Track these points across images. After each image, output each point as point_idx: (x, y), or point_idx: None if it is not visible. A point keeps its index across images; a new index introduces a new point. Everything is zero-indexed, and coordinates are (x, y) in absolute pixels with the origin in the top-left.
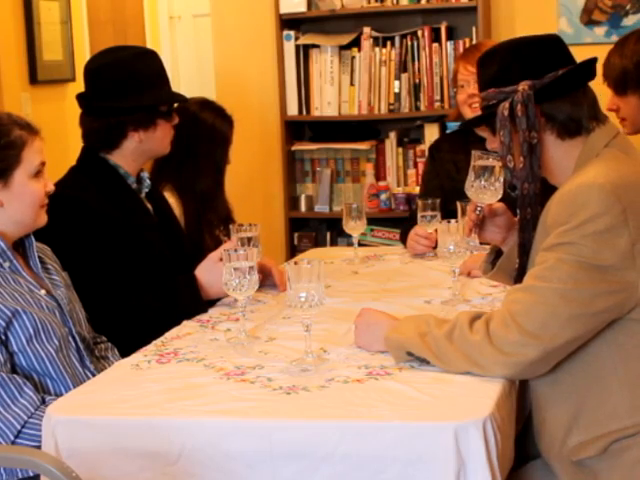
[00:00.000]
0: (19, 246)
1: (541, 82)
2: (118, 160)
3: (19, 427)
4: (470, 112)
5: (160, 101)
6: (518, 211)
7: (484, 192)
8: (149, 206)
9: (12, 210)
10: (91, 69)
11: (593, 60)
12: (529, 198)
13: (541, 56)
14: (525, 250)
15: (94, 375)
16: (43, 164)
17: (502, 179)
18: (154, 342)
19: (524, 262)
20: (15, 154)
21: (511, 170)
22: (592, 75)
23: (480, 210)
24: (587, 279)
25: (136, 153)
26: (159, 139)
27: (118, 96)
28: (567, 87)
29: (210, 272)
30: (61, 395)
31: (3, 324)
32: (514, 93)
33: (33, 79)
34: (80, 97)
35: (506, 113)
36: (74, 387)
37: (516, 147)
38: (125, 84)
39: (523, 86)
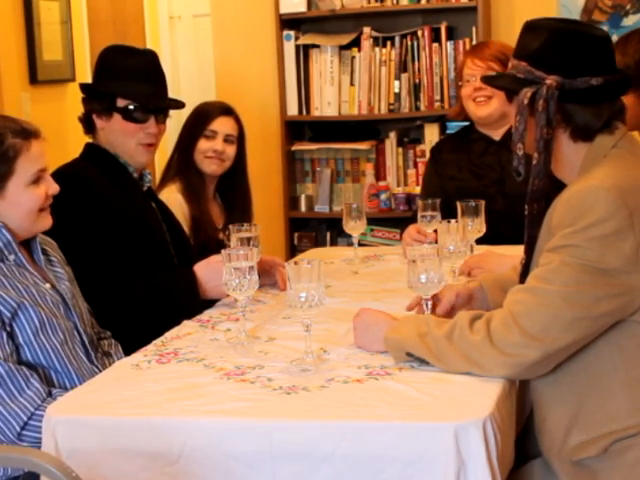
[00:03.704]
0: (24, 239)
1: (570, 83)
2: (114, 151)
3: (25, 418)
4: (474, 106)
5: (116, 93)
6: (526, 206)
7: (424, 285)
8: (151, 202)
9: (8, 219)
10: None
11: (629, 78)
12: (538, 194)
13: (582, 55)
14: (532, 246)
15: (99, 369)
16: (43, 170)
17: (439, 270)
18: (154, 342)
19: (530, 257)
20: (8, 165)
21: (519, 157)
22: (622, 91)
23: (427, 303)
24: (590, 282)
25: (111, 145)
26: (119, 134)
27: (93, 79)
28: (594, 97)
29: (209, 269)
30: (66, 388)
31: (9, 315)
32: (541, 85)
33: (33, 79)
34: None
35: (526, 102)
36: (79, 380)
37: (530, 135)
38: (101, 69)
39: (551, 81)
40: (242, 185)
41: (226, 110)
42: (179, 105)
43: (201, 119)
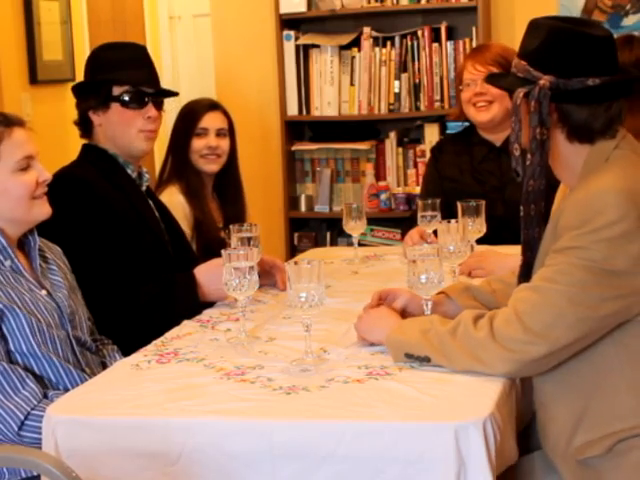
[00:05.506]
0: (24, 244)
1: (565, 84)
2: (113, 149)
3: (22, 417)
4: (475, 111)
5: (111, 81)
6: (522, 207)
7: (425, 285)
8: (149, 201)
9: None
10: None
11: (630, 80)
12: (534, 195)
13: (579, 55)
14: (529, 246)
15: (90, 377)
16: (30, 157)
17: (439, 270)
18: (154, 342)
19: (528, 258)
20: None
21: (516, 158)
22: (624, 92)
23: (427, 304)
24: (596, 284)
25: (110, 141)
26: (119, 125)
27: (85, 77)
28: (591, 98)
29: (209, 272)
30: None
31: None
32: (535, 84)
33: (33, 79)
34: None
35: (518, 102)
36: (71, 387)
37: (525, 135)
38: (92, 65)
39: (544, 81)
40: (236, 179)
41: (213, 105)
42: (173, 93)
43: (190, 118)
